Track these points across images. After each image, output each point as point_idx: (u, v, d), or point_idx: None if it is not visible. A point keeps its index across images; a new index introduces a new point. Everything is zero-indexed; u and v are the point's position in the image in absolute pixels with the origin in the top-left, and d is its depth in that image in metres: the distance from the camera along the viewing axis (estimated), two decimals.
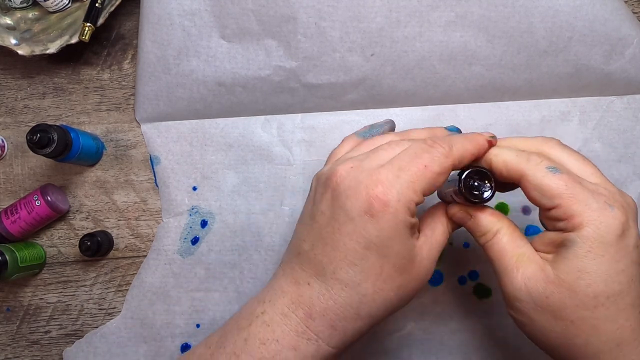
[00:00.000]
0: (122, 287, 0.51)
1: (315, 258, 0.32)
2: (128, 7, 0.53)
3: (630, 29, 0.47)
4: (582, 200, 0.29)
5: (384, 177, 0.30)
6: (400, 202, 0.30)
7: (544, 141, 0.34)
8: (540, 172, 0.30)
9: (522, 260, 0.31)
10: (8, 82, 0.54)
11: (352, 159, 0.33)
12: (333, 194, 0.32)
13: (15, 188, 0.53)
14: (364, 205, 0.30)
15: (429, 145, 0.32)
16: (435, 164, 0.31)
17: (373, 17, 0.47)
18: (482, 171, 0.33)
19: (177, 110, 0.51)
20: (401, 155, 0.32)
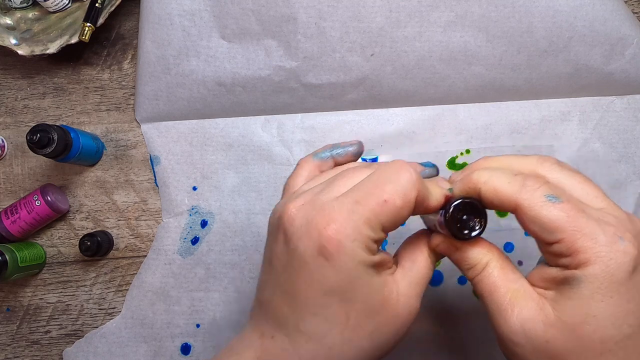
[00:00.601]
0: (122, 287, 0.51)
1: (276, 309, 0.29)
2: (128, 7, 0.53)
3: (630, 29, 0.47)
4: (588, 234, 0.25)
5: (337, 214, 0.26)
6: (357, 241, 0.26)
7: (540, 161, 0.29)
8: (538, 202, 0.26)
9: (517, 297, 0.28)
10: (8, 82, 0.54)
11: (305, 192, 0.29)
12: (285, 235, 0.28)
13: (15, 188, 0.53)
14: (317, 247, 0.26)
15: (395, 171, 0.28)
16: (398, 197, 0.27)
17: (373, 17, 0.47)
18: (472, 203, 0.29)
19: (177, 110, 0.51)
20: (359, 186, 0.28)
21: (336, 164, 0.35)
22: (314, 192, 0.29)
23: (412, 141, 0.50)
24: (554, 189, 0.27)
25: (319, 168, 0.34)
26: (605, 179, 0.49)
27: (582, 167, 0.49)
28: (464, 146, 0.50)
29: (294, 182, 0.33)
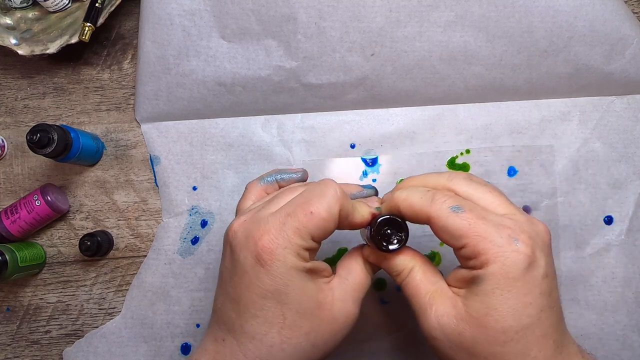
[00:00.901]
0: (122, 287, 0.51)
1: (226, 314, 0.32)
2: (128, 7, 0.53)
3: (630, 29, 0.47)
4: (486, 238, 0.29)
5: (271, 226, 0.30)
6: (287, 248, 0.30)
7: (451, 177, 0.33)
8: (444, 213, 0.30)
9: (435, 297, 0.31)
10: (8, 82, 0.54)
11: (249, 211, 0.33)
12: (230, 248, 0.32)
13: (15, 188, 0.53)
14: (254, 256, 0.30)
15: (322, 188, 0.32)
16: (323, 209, 0.31)
17: (373, 17, 0.47)
18: (394, 219, 0.33)
19: (177, 110, 0.51)
20: (291, 201, 0.32)
21: (280, 187, 0.39)
22: (255, 210, 0.33)
23: (412, 141, 0.50)
24: (459, 200, 0.31)
25: (265, 191, 0.38)
26: (605, 179, 0.49)
27: (582, 167, 0.49)
28: (464, 146, 0.50)
29: (242, 204, 0.37)
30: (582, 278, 0.48)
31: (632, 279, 0.48)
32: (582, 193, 0.49)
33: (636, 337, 0.47)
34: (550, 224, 0.49)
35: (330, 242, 0.50)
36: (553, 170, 0.49)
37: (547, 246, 0.30)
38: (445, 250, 0.49)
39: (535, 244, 0.29)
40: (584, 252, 0.48)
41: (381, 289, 0.49)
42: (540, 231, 0.30)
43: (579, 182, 0.49)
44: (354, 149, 0.51)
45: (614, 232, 0.48)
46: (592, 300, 0.48)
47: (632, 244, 0.48)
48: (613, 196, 0.49)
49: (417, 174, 0.50)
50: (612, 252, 0.48)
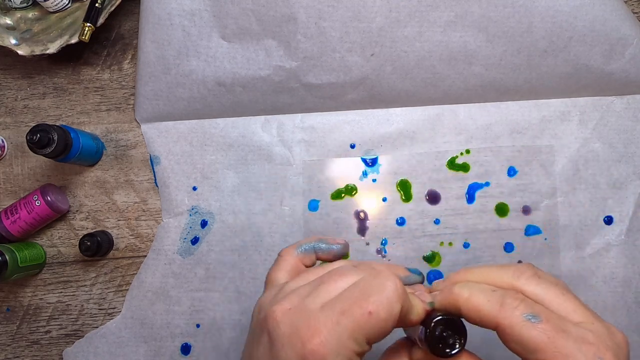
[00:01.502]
0: (122, 287, 0.51)
1: None
2: (128, 7, 0.53)
3: (630, 29, 0.47)
4: (567, 355, 0.25)
5: (322, 325, 0.26)
6: (340, 355, 0.26)
7: (518, 273, 0.30)
8: (518, 322, 0.27)
9: None
10: (8, 82, 0.54)
11: (292, 294, 0.29)
12: (269, 338, 0.28)
13: (15, 188, 0.53)
14: (300, 358, 0.26)
15: (381, 281, 0.28)
16: (383, 309, 0.27)
17: (373, 17, 0.47)
18: (453, 321, 0.29)
19: (177, 110, 0.51)
20: (345, 294, 0.28)
21: (319, 259, 0.35)
22: (301, 296, 0.29)
23: (412, 141, 0.50)
24: (532, 306, 0.27)
25: (301, 261, 0.34)
26: (605, 179, 0.49)
27: (582, 167, 0.49)
28: (464, 146, 0.50)
29: (276, 275, 0.33)
30: (582, 278, 0.48)
31: (632, 279, 0.48)
32: (582, 193, 0.49)
33: (636, 337, 0.47)
34: (550, 224, 0.49)
35: None
36: (553, 170, 0.49)
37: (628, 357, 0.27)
38: (445, 250, 0.49)
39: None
40: (584, 252, 0.48)
41: None
42: (621, 343, 0.27)
43: (579, 182, 0.49)
44: (354, 149, 0.51)
45: (614, 232, 0.48)
46: (592, 300, 0.48)
47: (632, 244, 0.48)
48: (613, 196, 0.49)
49: (417, 174, 0.50)
50: (612, 252, 0.48)
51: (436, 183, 0.50)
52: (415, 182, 0.50)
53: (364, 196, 0.50)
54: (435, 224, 0.49)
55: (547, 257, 0.48)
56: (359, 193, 0.50)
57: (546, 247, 0.49)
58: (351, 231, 0.50)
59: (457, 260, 0.49)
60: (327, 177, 0.51)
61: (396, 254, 0.49)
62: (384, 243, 0.50)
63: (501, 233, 0.49)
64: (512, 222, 0.49)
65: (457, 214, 0.49)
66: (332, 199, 0.50)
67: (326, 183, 0.50)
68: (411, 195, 0.50)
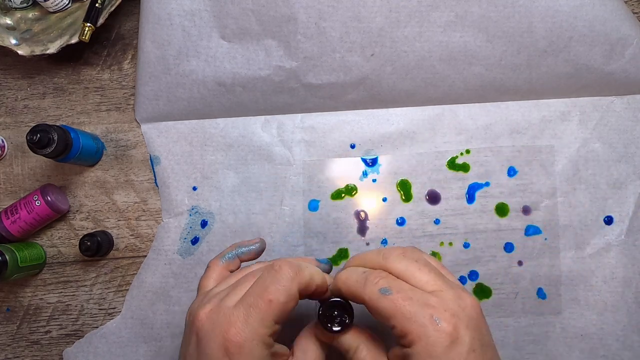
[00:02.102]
0: (122, 287, 0.51)
1: None
2: (128, 7, 0.53)
3: (630, 29, 0.47)
4: (410, 318, 0.30)
5: (236, 318, 0.32)
6: (255, 340, 0.31)
7: (386, 254, 0.35)
8: (375, 296, 0.32)
9: None
10: (8, 82, 0.54)
11: (214, 297, 0.34)
12: (197, 337, 0.33)
13: (15, 188, 0.53)
14: (221, 349, 0.31)
15: (275, 271, 0.33)
16: (281, 294, 0.32)
17: (373, 17, 0.47)
18: (339, 302, 0.35)
19: (177, 110, 0.51)
20: (250, 290, 0.33)
21: (242, 261, 0.41)
22: (220, 298, 0.34)
23: (412, 141, 0.50)
24: (389, 282, 0.32)
25: (227, 269, 0.40)
26: (605, 179, 0.49)
27: (582, 167, 0.49)
28: (464, 146, 0.50)
29: (205, 283, 0.38)
30: (582, 278, 0.48)
31: (632, 279, 0.48)
32: (582, 193, 0.49)
33: (636, 337, 0.47)
34: (550, 224, 0.49)
35: (331, 243, 0.50)
36: (553, 170, 0.49)
37: (474, 320, 0.31)
38: (445, 250, 0.49)
39: (459, 321, 0.30)
40: (584, 252, 0.48)
41: None
42: (467, 306, 0.32)
43: (579, 182, 0.49)
44: (354, 149, 0.51)
45: (614, 232, 0.48)
46: (592, 300, 0.48)
47: (632, 244, 0.48)
48: (613, 196, 0.49)
49: (417, 174, 0.50)
50: (612, 252, 0.48)
51: (436, 183, 0.50)
52: (415, 182, 0.50)
53: (364, 196, 0.50)
54: (435, 224, 0.49)
55: (547, 257, 0.48)
56: (359, 193, 0.50)
57: (546, 247, 0.49)
58: (351, 231, 0.50)
59: (457, 260, 0.49)
60: (327, 177, 0.51)
61: None
62: (384, 243, 0.50)
63: (501, 233, 0.49)
64: (512, 222, 0.49)
65: (457, 214, 0.49)
66: (332, 199, 0.50)
67: (326, 183, 0.50)
68: (411, 196, 0.50)
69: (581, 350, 0.48)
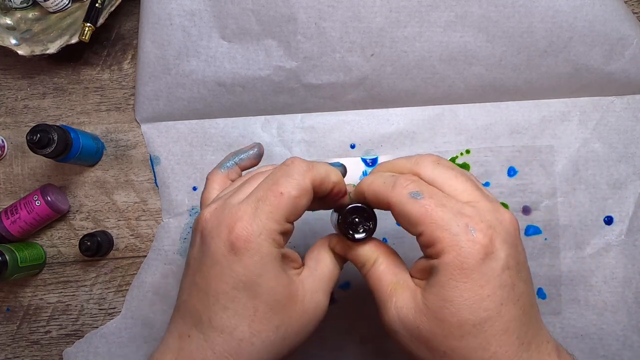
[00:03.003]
0: (122, 287, 0.51)
1: (193, 307, 0.30)
2: (128, 7, 0.53)
3: (630, 29, 0.47)
4: (442, 226, 0.28)
5: (243, 212, 0.29)
6: (262, 235, 0.29)
7: (418, 160, 0.32)
8: (403, 199, 0.29)
9: (396, 288, 0.30)
10: (8, 82, 0.54)
11: (218, 199, 0.32)
12: (201, 237, 0.31)
13: (15, 188, 0.53)
14: (227, 245, 0.29)
15: (287, 165, 0.31)
16: (292, 187, 0.29)
17: (373, 17, 0.47)
18: (362, 208, 0.32)
19: (177, 110, 0.51)
20: (259, 186, 0.30)
21: (242, 169, 0.38)
22: (225, 198, 0.31)
23: (412, 141, 0.50)
24: (421, 186, 0.29)
25: (227, 177, 0.37)
26: (605, 179, 0.49)
27: (582, 167, 0.49)
28: (464, 146, 0.50)
29: (207, 195, 0.36)
30: (582, 278, 0.48)
31: (632, 279, 0.48)
32: (582, 193, 0.49)
33: (636, 337, 0.47)
34: (550, 224, 0.49)
35: None
36: (553, 170, 0.49)
37: (511, 236, 0.29)
38: None
39: (496, 234, 0.28)
40: (584, 252, 0.48)
41: None
42: (504, 220, 0.29)
43: (579, 182, 0.49)
44: (354, 149, 0.51)
45: (614, 232, 0.48)
46: (592, 300, 0.48)
47: (632, 244, 0.48)
48: (613, 196, 0.49)
49: None
50: (612, 252, 0.48)
51: None
52: None
53: None
54: None
55: (547, 257, 0.48)
56: None
57: (546, 247, 0.49)
58: None
59: None
60: None
61: None
62: None
63: None
64: None
65: None
66: None
67: None
68: None
69: (581, 350, 0.48)
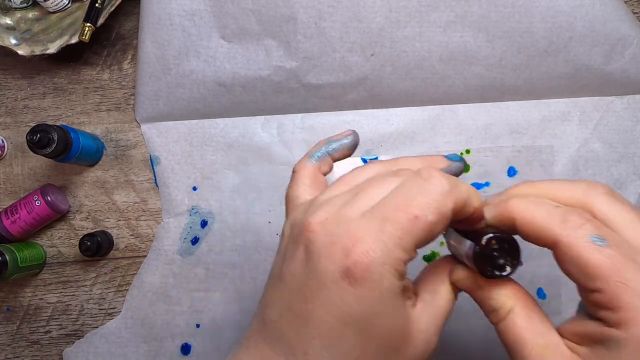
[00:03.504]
0: (122, 287, 0.51)
1: (284, 333, 0.25)
2: (128, 7, 0.53)
3: (630, 29, 0.47)
4: (635, 289, 0.21)
5: (365, 232, 0.24)
6: (386, 265, 0.23)
7: (589, 188, 0.25)
8: (580, 242, 0.23)
9: (545, 354, 0.24)
10: (8, 82, 0.54)
11: (326, 205, 0.26)
12: (306, 252, 0.25)
13: (15, 188, 0.53)
14: (341, 269, 0.23)
15: (424, 180, 0.24)
16: (431, 211, 0.24)
17: (373, 17, 0.47)
18: (507, 239, 0.26)
19: (177, 110, 0.51)
20: (387, 200, 0.25)
21: (334, 160, 0.33)
22: (336, 206, 0.26)
23: (412, 141, 0.50)
24: (600, 228, 0.23)
25: (319, 170, 0.32)
26: (605, 179, 0.49)
27: (582, 167, 0.49)
28: (464, 146, 0.50)
29: (296, 192, 0.30)
30: None
31: None
32: None
33: None
34: None
35: None
36: (553, 170, 0.49)
37: None
38: (445, 250, 0.49)
39: None
40: None
41: None
42: None
43: None
44: None
45: None
46: None
47: None
48: None
49: None
50: None
51: None
52: None
53: None
54: None
55: (548, 257, 0.48)
56: None
57: None
58: None
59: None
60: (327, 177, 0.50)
61: None
62: None
63: None
64: None
65: None
66: None
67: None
68: None
69: None
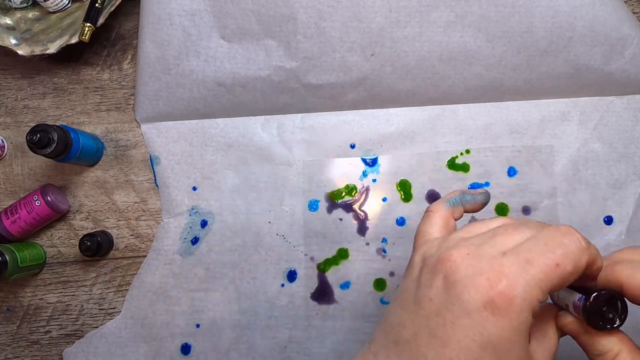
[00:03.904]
0: (122, 287, 0.51)
1: (419, 351, 0.28)
2: (128, 7, 0.53)
3: (630, 29, 0.47)
4: None
5: (508, 269, 0.26)
6: (526, 300, 0.26)
7: None
8: None
9: None
10: (8, 82, 0.54)
11: (463, 241, 0.29)
12: (446, 281, 0.28)
13: (15, 188, 0.53)
14: (485, 300, 0.26)
15: (563, 234, 0.27)
16: (569, 263, 0.26)
17: (373, 17, 0.47)
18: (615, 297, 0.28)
19: (177, 110, 0.51)
20: (528, 245, 0.27)
21: (465, 211, 0.36)
22: (475, 244, 0.28)
23: (412, 141, 0.50)
24: None
25: (451, 215, 0.35)
26: (605, 179, 0.49)
27: (582, 167, 0.49)
28: (464, 146, 0.50)
29: (428, 229, 0.33)
30: None
31: None
32: (582, 193, 0.49)
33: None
34: None
35: (331, 243, 0.50)
36: (553, 170, 0.49)
37: None
38: None
39: None
40: None
41: (381, 289, 0.49)
42: None
43: (579, 182, 0.49)
44: (354, 149, 0.51)
45: (614, 232, 0.48)
46: None
47: (632, 244, 0.48)
48: (613, 196, 0.49)
49: (417, 174, 0.50)
50: None
51: (436, 183, 0.50)
52: (415, 182, 0.50)
53: (364, 196, 0.50)
54: None
55: None
56: (358, 193, 0.50)
57: None
58: (351, 231, 0.50)
59: None
60: (327, 177, 0.51)
61: (396, 254, 0.49)
62: (384, 242, 0.50)
63: None
64: None
65: None
66: (332, 199, 0.50)
67: (326, 183, 0.50)
68: (411, 195, 0.50)
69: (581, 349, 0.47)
